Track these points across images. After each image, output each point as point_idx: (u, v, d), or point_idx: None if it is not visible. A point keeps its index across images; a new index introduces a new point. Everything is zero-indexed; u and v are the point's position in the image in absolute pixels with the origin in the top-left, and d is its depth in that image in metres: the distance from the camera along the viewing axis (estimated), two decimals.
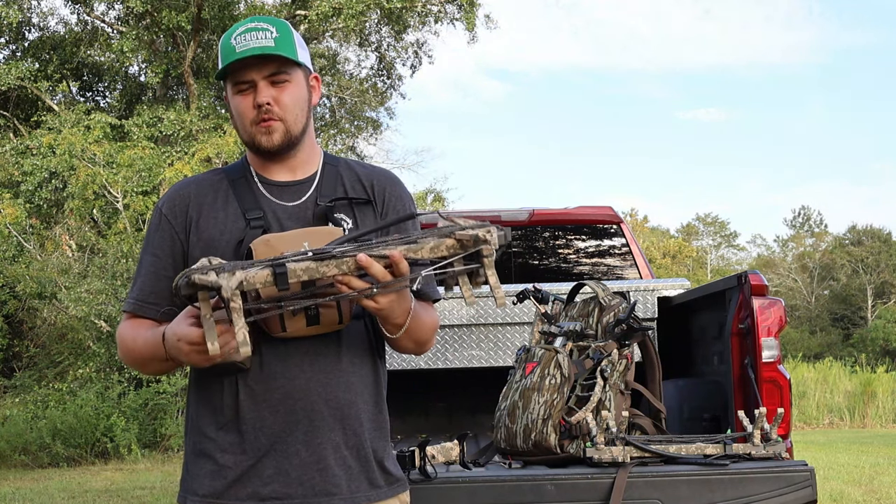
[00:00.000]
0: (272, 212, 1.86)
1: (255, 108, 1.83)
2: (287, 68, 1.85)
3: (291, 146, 1.88)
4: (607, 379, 3.40)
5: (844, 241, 42.11)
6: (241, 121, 1.86)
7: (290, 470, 1.78)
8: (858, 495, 7.33)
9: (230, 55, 1.82)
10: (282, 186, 1.90)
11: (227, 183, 1.91)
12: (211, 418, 1.82)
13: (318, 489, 1.79)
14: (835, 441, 12.60)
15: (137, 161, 14.34)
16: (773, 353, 3.46)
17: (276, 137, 1.84)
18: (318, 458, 1.78)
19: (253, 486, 1.78)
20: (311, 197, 1.89)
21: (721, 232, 48.96)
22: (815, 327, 36.06)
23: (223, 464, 1.80)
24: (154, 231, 1.91)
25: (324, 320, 1.74)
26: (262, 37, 1.82)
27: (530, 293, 4.02)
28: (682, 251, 42.31)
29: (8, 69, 16.62)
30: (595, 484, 2.96)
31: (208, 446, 1.82)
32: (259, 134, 1.84)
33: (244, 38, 1.82)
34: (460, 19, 18.19)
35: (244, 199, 1.87)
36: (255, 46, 1.81)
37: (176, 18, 15.85)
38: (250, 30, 1.83)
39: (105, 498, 8.02)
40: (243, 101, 1.84)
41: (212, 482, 1.80)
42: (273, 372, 1.78)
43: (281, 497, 1.77)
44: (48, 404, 11.94)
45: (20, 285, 13.67)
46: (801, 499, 2.95)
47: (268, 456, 1.78)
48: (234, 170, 1.94)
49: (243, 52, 1.81)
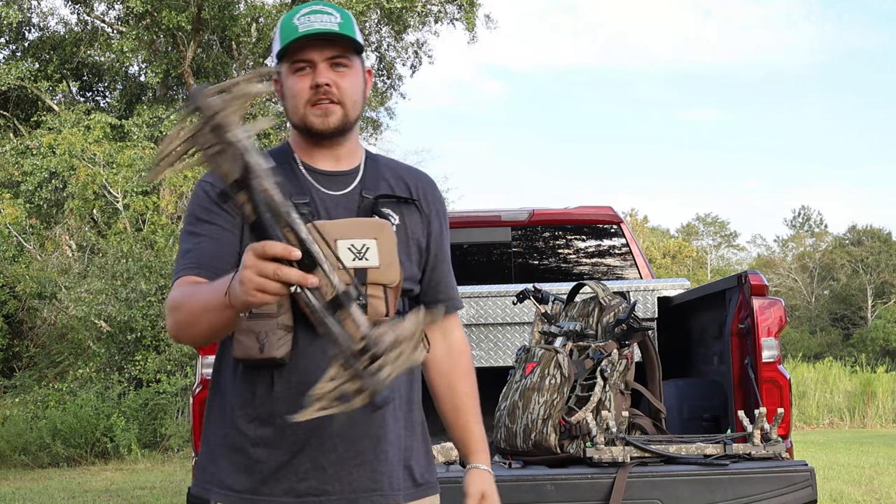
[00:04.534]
0: (319, 199, 1.81)
1: (312, 87, 1.78)
2: (349, 54, 1.80)
3: (344, 132, 1.83)
4: (607, 379, 3.41)
5: (844, 241, 42.12)
6: (295, 101, 1.80)
7: (327, 465, 1.72)
8: (858, 495, 7.32)
9: (292, 33, 1.77)
10: (327, 175, 1.84)
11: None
12: (243, 410, 1.75)
13: (356, 485, 1.74)
14: (835, 441, 12.60)
15: (137, 161, 14.34)
16: (773, 353, 3.46)
17: (333, 120, 1.79)
18: (355, 453, 1.73)
19: (289, 482, 1.72)
20: (355, 188, 1.85)
21: (721, 232, 48.97)
22: (815, 327, 36.05)
23: (257, 458, 1.73)
24: (207, 202, 1.80)
25: (370, 311, 1.72)
26: (326, 20, 1.78)
27: (530, 293, 4.02)
28: (682, 251, 42.29)
29: (8, 69, 16.62)
30: (595, 484, 2.96)
31: (240, 440, 1.75)
32: (313, 115, 1.79)
33: (308, 20, 1.77)
34: (460, 19, 18.18)
35: (289, 184, 1.79)
36: (320, 27, 1.76)
37: (176, 18, 15.84)
38: (315, 12, 1.79)
39: (105, 498, 8.02)
40: (300, 80, 1.79)
41: (247, 477, 1.74)
42: (310, 365, 1.72)
43: (318, 493, 1.72)
44: (48, 404, 11.94)
45: (20, 285, 13.68)
46: (801, 499, 2.95)
47: (303, 451, 1.72)
48: (276, 154, 1.88)
49: (307, 30, 1.76)
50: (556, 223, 5.53)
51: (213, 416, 1.82)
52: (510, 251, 5.42)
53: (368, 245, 1.73)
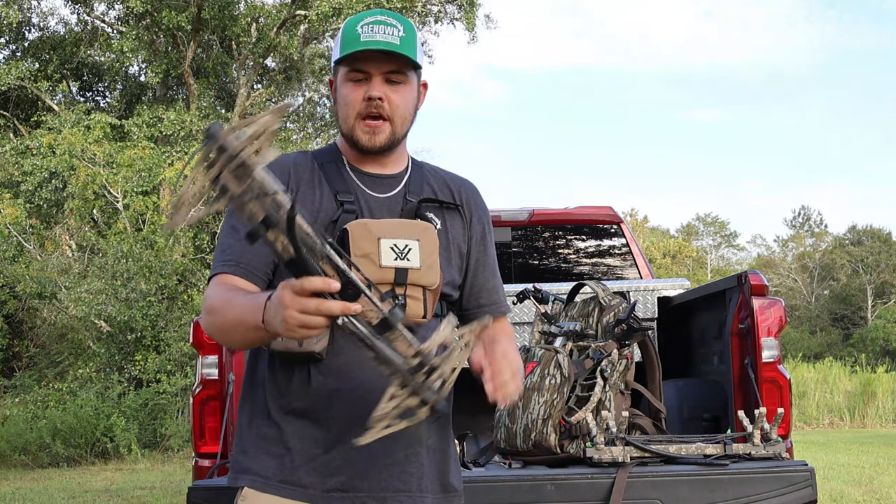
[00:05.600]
0: (364, 200, 1.83)
1: (365, 100, 1.79)
2: (406, 70, 1.82)
3: (392, 148, 1.85)
4: (607, 379, 3.41)
5: (844, 241, 42.12)
6: (347, 110, 1.81)
7: (359, 462, 1.73)
8: (858, 495, 7.32)
9: (354, 42, 1.78)
10: (373, 177, 1.86)
11: (316, 165, 1.87)
12: (278, 403, 1.77)
13: (385, 484, 1.74)
14: (835, 441, 12.60)
15: (137, 161, 14.35)
16: (773, 353, 3.46)
17: (381, 139, 1.81)
18: (387, 451, 1.73)
19: (319, 476, 1.73)
20: (400, 192, 1.87)
21: (721, 232, 48.97)
22: (815, 327, 36.04)
23: (290, 448, 1.75)
24: None
25: (409, 312, 1.73)
26: (389, 32, 1.78)
27: (530, 293, 4.02)
28: (682, 251, 42.29)
29: (8, 69, 16.62)
30: (595, 484, 2.95)
31: (274, 431, 1.76)
32: (361, 132, 1.81)
33: (371, 30, 1.78)
34: (460, 19, 18.18)
35: (336, 182, 1.84)
36: (382, 40, 1.77)
37: (176, 18, 15.84)
38: (380, 22, 1.79)
39: (105, 498, 8.02)
40: (354, 90, 1.80)
41: (278, 466, 1.75)
42: (346, 362, 1.73)
43: (346, 489, 1.73)
44: (48, 404, 11.95)
45: (20, 285, 13.68)
46: (801, 499, 2.95)
47: (336, 447, 1.73)
48: (323, 154, 1.91)
49: (368, 42, 1.76)
50: (556, 223, 5.53)
51: (247, 409, 1.83)
52: (510, 251, 5.42)
53: (411, 246, 1.76)
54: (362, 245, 1.73)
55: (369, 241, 1.73)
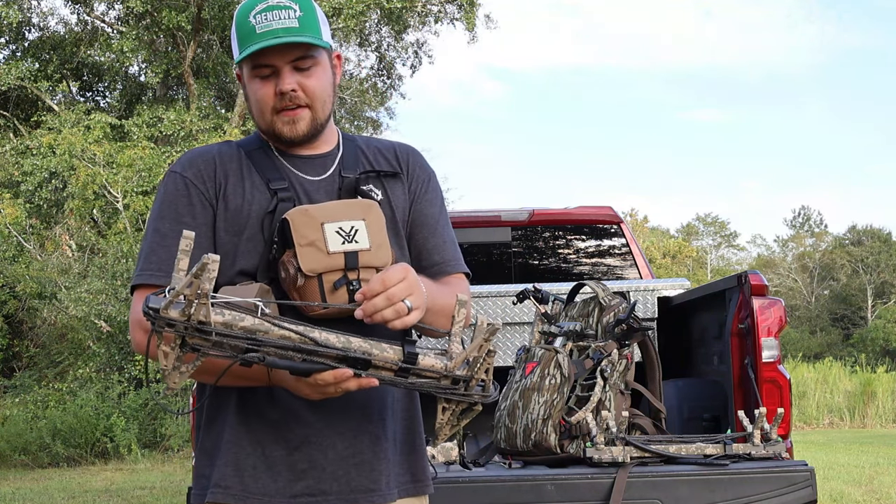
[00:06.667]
0: (299, 184, 1.74)
1: (277, 95, 1.69)
2: (313, 51, 1.70)
3: (317, 134, 1.75)
4: (607, 379, 3.40)
5: (844, 241, 42.11)
6: (261, 108, 1.72)
7: (326, 464, 1.66)
8: (858, 495, 7.32)
9: (250, 36, 1.67)
10: (305, 159, 1.77)
11: (242, 153, 1.77)
12: (238, 407, 1.67)
13: (354, 485, 1.67)
14: (835, 441, 12.59)
15: (137, 161, 14.34)
16: (773, 353, 3.46)
17: (302, 127, 1.72)
18: (354, 451, 1.67)
19: (284, 481, 1.65)
20: (335, 170, 1.77)
21: (721, 232, 48.95)
22: (815, 327, 36.05)
23: (251, 454, 1.66)
24: (177, 197, 1.71)
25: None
26: (285, 16, 1.66)
27: (530, 293, 4.02)
28: (682, 251, 42.26)
29: (8, 69, 16.62)
30: (595, 484, 2.95)
31: (235, 438, 1.67)
32: (281, 123, 1.71)
33: (265, 18, 1.66)
34: (460, 19, 18.18)
35: (266, 170, 1.73)
36: (279, 28, 1.65)
37: (176, 18, 15.84)
38: (271, 7, 1.67)
39: (105, 498, 8.01)
40: (263, 87, 1.70)
41: (238, 475, 1.66)
42: None
43: (314, 493, 1.65)
44: (48, 404, 11.94)
45: (20, 285, 13.68)
46: (801, 499, 2.95)
47: (301, 448, 1.65)
48: (249, 142, 1.80)
49: (265, 34, 1.65)
50: (556, 223, 5.53)
51: (210, 413, 1.74)
52: (510, 251, 5.42)
53: (357, 227, 1.65)
54: (305, 233, 1.62)
55: (312, 228, 1.62)
